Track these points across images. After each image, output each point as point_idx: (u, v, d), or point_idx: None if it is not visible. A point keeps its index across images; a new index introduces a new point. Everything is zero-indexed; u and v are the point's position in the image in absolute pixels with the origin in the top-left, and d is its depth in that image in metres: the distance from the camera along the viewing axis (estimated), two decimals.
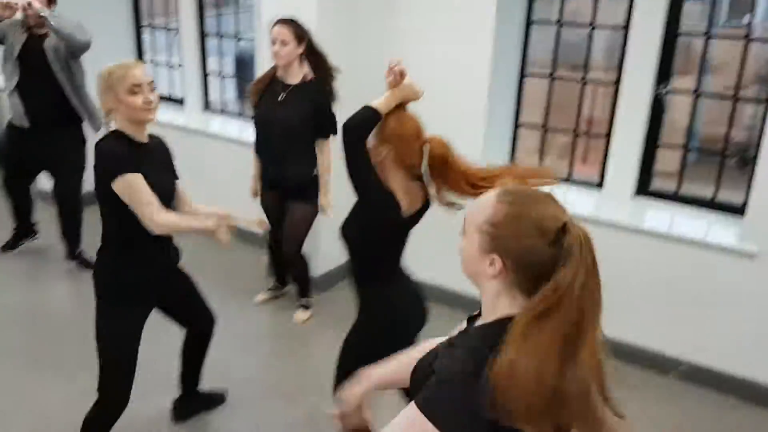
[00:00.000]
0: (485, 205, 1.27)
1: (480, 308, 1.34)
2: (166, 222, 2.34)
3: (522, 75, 3.88)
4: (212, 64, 5.25)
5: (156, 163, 2.45)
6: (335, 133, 3.50)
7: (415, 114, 2.29)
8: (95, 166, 2.32)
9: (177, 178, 2.62)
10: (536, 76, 3.97)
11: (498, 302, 1.26)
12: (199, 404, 3.10)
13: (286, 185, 3.65)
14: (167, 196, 2.46)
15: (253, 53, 4.93)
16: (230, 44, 5.26)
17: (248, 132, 4.79)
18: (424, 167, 2.23)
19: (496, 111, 3.83)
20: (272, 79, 3.58)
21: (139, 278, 2.46)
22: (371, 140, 2.24)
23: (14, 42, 3.93)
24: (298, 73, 3.51)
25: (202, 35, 5.11)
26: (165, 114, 5.18)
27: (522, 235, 1.21)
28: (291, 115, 3.48)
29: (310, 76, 3.54)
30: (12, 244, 4.54)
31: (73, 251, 4.34)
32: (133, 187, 2.28)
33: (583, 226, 1.22)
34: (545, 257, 1.19)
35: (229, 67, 6.08)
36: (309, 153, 3.59)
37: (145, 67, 2.39)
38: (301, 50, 3.45)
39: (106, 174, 2.28)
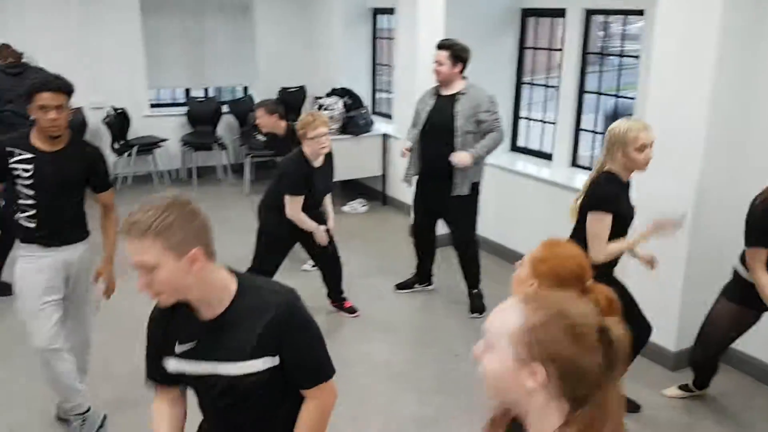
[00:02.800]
0: (513, 313, 1.16)
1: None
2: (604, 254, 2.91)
3: None
4: (586, 120, 5.25)
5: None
6: None
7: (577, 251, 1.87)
8: (585, 193, 2.99)
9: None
10: None
11: (547, 416, 1.14)
12: None
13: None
14: None
15: (626, 109, 4.79)
16: (608, 100, 5.21)
17: None
18: None
19: None
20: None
21: None
22: (525, 268, 1.89)
23: (424, 106, 4.41)
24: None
25: (581, 92, 5.15)
26: (530, 167, 5.35)
27: (561, 338, 1.12)
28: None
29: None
30: (407, 285, 5.00)
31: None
32: (597, 223, 2.89)
33: (618, 325, 1.16)
34: (589, 362, 1.12)
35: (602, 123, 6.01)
36: None
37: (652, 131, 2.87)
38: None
39: (590, 200, 2.94)
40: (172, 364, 1.71)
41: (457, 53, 4.23)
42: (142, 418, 3.34)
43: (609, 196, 2.91)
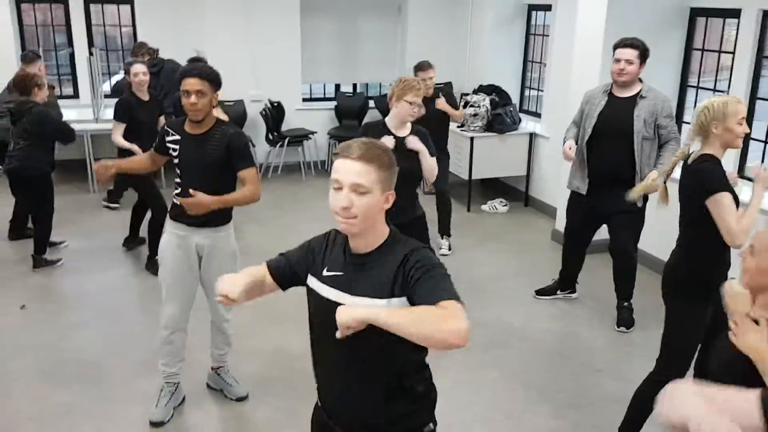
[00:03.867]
0: None
1: None
2: (742, 231, 2.71)
3: None
4: (757, 129, 4.81)
5: None
6: None
7: None
8: (690, 184, 2.84)
9: None
10: None
11: None
12: None
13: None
14: None
15: None
16: None
17: None
18: None
19: None
20: None
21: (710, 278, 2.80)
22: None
23: (593, 107, 4.19)
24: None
25: (753, 97, 4.73)
26: None
27: None
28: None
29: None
30: (548, 291, 4.83)
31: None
32: (720, 205, 2.70)
33: None
34: None
35: None
36: None
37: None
38: None
39: (701, 190, 2.75)
40: (315, 284, 1.83)
41: (644, 53, 4.04)
42: (281, 396, 3.54)
43: (722, 177, 2.77)
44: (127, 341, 4.10)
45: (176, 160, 3.17)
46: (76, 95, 7.88)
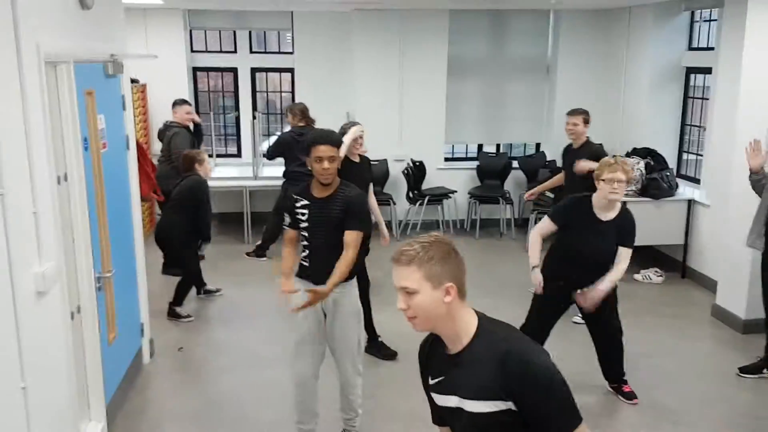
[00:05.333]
0: None
1: None
2: None
3: None
4: None
5: None
6: None
7: None
8: None
9: None
10: None
11: None
12: None
13: None
14: None
15: None
16: None
17: None
18: None
19: None
20: None
21: None
22: None
23: None
24: None
25: None
26: None
27: None
28: None
29: None
30: (754, 369, 4.45)
31: None
32: None
33: None
34: None
35: None
36: None
37: None
38: None
39: None
40: (433, 396, 1.87)
41: None
42: None
43: None
44: (271, 389, 4.23)
45: (304, 224, 3.32)
46: (239, 154, 8.54)
